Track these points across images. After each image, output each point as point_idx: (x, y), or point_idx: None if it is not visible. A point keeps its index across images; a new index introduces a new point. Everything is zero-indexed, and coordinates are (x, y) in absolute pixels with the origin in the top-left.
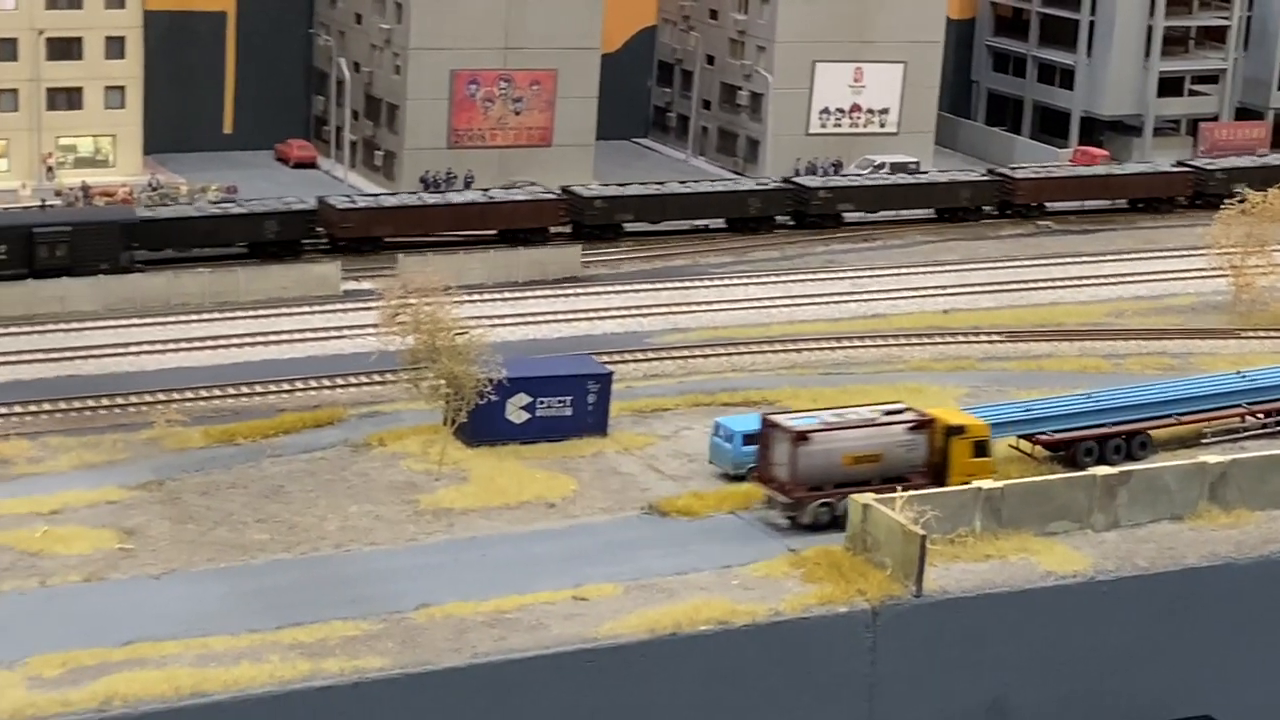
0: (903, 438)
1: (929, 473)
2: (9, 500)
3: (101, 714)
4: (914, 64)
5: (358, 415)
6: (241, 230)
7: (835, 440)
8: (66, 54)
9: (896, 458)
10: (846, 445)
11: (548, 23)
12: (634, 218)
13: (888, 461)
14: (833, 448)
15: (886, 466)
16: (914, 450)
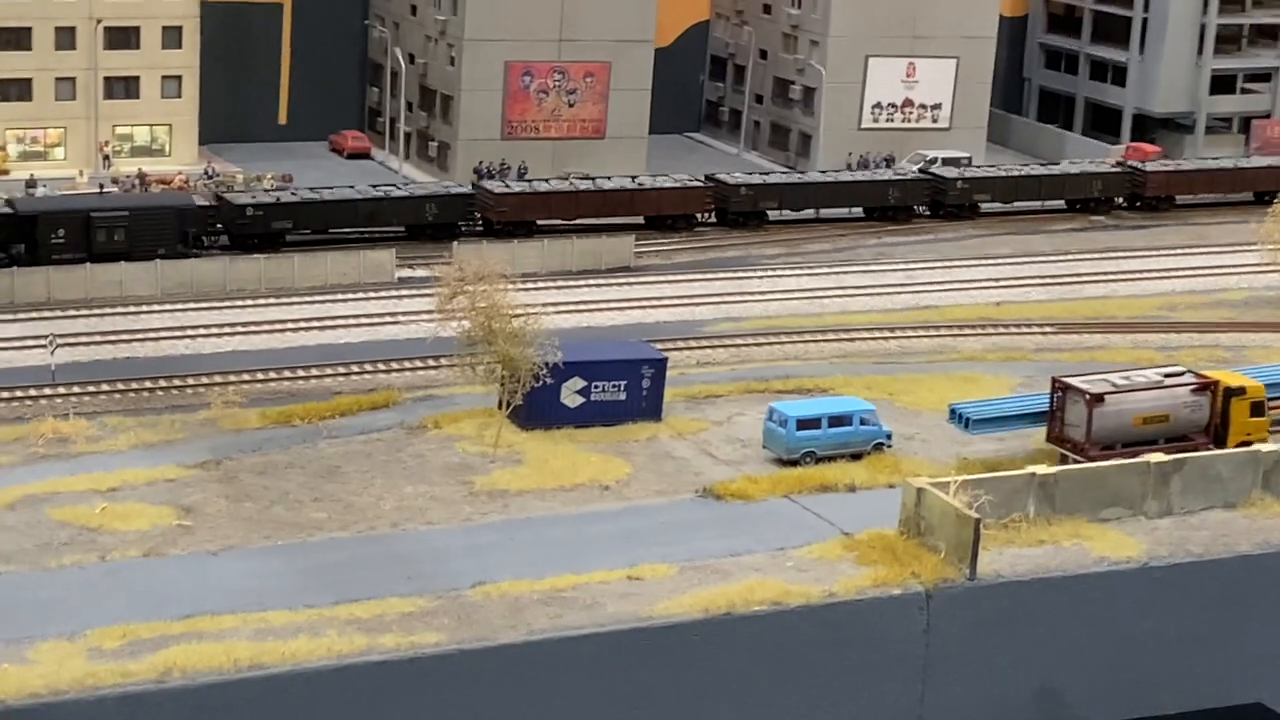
0: (1188, 399)
1: (1209, 433)
2: (69, 478)
3: (160, 685)
4: (966, 60)
5: (413, 398)
6: (402, 212)
7: (1128, 402)
8: (124, 43)
9: (1182, 418)
10: (1138, 407)
11: (602, 15)
12: (778, 205)
13: (1174, 422)
14: (1125, 409)
15: (1172, 427)
16: (1198, 411)
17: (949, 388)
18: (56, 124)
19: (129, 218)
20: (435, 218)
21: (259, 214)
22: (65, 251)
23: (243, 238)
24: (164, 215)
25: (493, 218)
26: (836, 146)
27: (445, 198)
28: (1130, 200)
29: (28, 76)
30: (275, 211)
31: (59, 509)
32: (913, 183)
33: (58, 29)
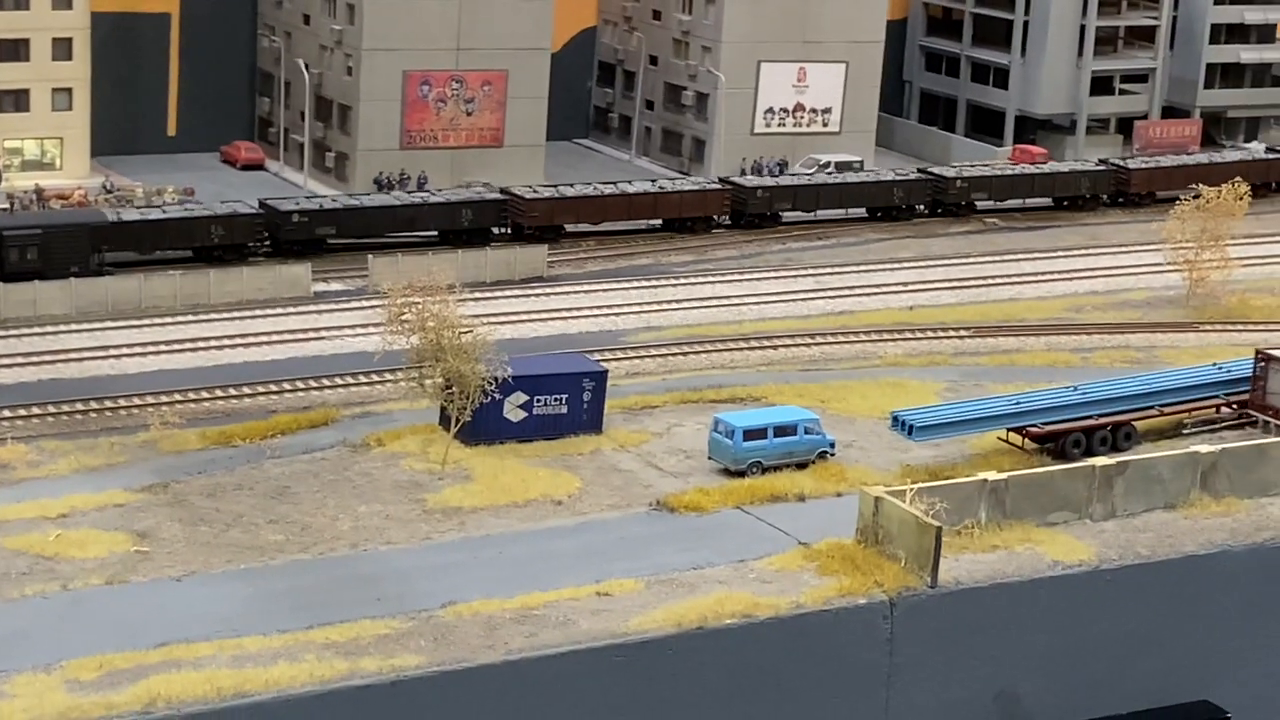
0: None
1: None
2: (15, 505)
3: (146, 716)
4: (855, 64)
5: (351, 416)
6: (438, 218)
7: None
8: (14, 55)
9: None
10: None
11: (499, 24)
12: (791, 207)
13: None
14: None
15: None
16: None
17: (879, 394)
18: None
19: (42, 236)
20: (470, 223)
21: (304, 220)
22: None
23: (287, 243)
24: (77, 232)
25: (524, 223)
26: (730, 151)
27: (480, 204)
28: (1113, 197)
29: None
30: (319, 218)
31: (11, 537)
32: (915, 183)
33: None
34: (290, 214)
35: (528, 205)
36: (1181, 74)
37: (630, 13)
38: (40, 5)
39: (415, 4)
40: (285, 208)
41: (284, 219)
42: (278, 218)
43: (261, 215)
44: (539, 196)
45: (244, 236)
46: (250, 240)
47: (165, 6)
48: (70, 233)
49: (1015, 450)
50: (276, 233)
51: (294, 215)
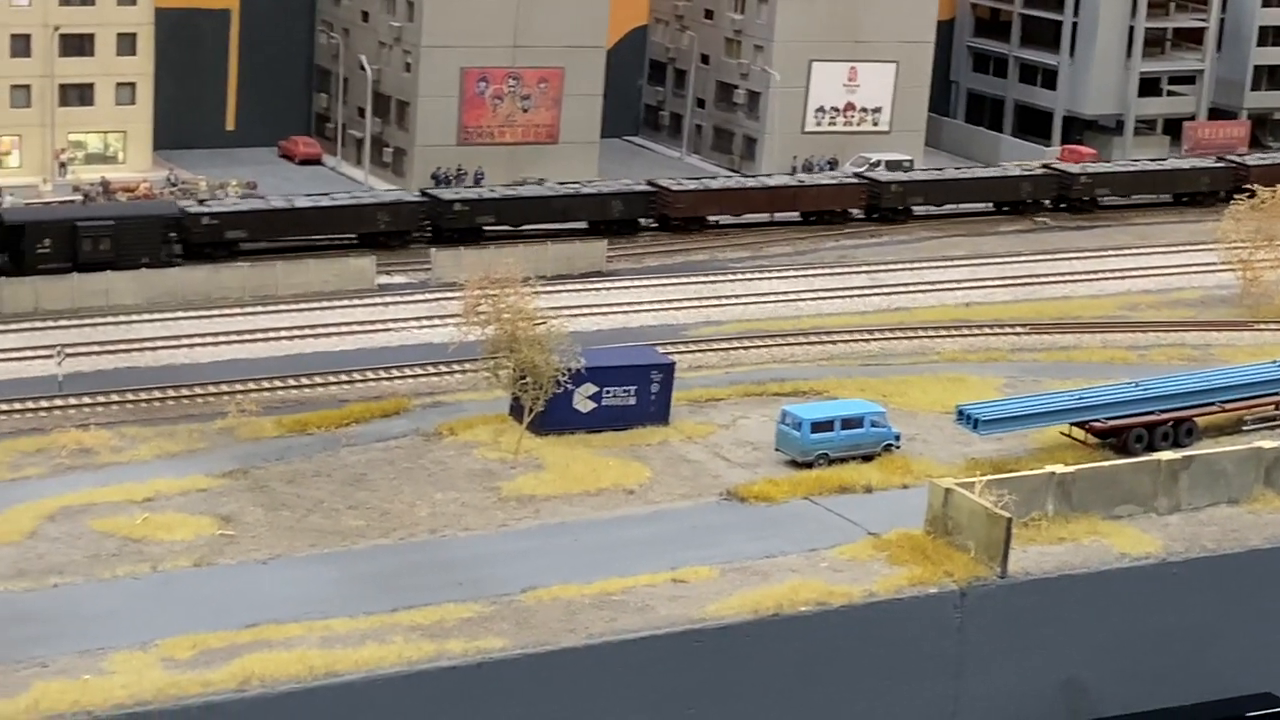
0: None
1: None
2: (102, 489)
3: (240, 694)
4: (906, 64)
5: (422, 405)
6: (590, 209)
7: None
8: (79, 50)
9: None
10: None
11: (555, 21)
12: (924, 201)
13: None
14: None
15: None
16: None
17: (939, 389)
18: (10, 131)
19: (115, 227)
20: (620, 214)
21: (465, 210)
22: (51, 261)
23: (448, 231)
24: (149, 224)
25: (670, 214)
26: (781, 150)
27: (629, 195)
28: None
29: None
30: (480, 208)
31: (100, 520)
32: (1042, 179)
33: (13, 36)
34: (452, 203)
35: (674, 197)
36: (1229, 76)
37: (682, 11)
38: (105, 1)
39: (474, 2)
40: (447, 196)
41: (446, 207)
42: (440, 206)
43: (425, 203)
44: (685, 189)
45: (408, 223)
46: (413, 227)
47: (226, 3)
48: (143, 224)
49: (1077, 445)
50: (438, 220)
51: (455, 204)
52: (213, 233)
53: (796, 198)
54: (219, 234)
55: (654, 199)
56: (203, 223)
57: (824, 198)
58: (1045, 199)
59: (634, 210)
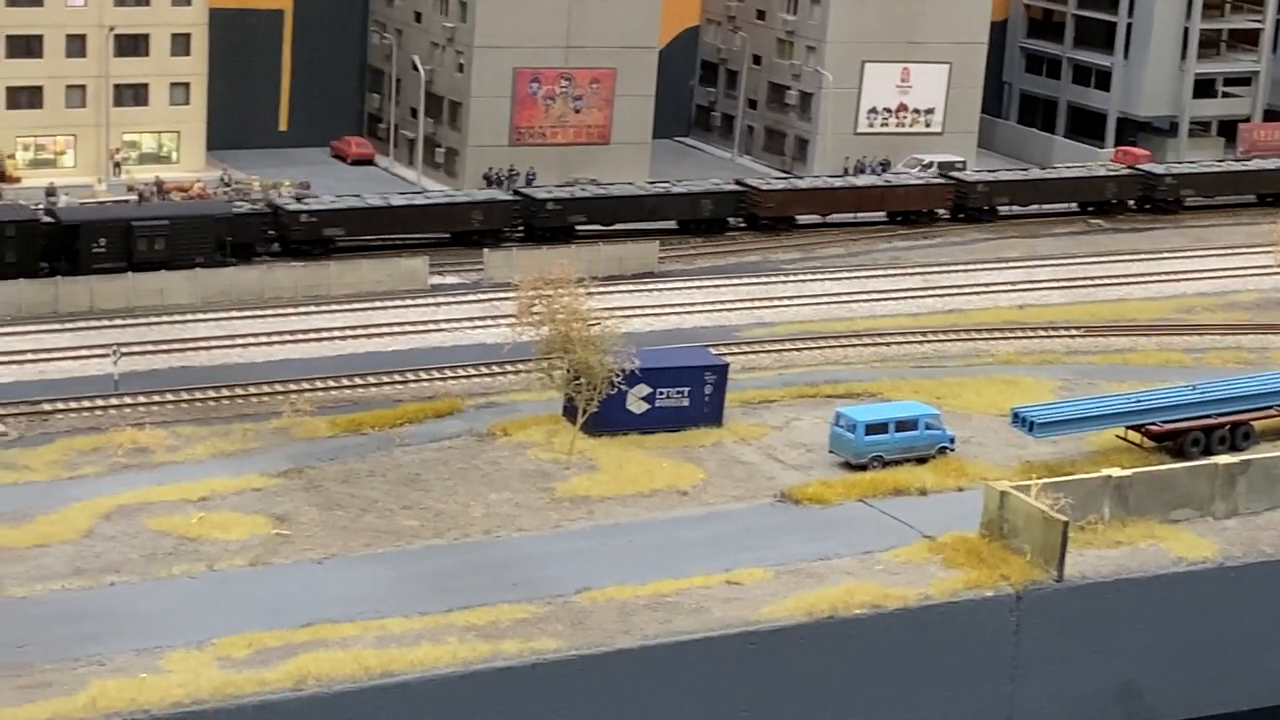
0: None
1: None
2: (158, 488)
3: (297, 693)
4: (959, 65)
5: (475, 406)
6: (680, 208)
7: None
8: (134, 50)
9: None
10: None
11: (608, 21)
12: (1010, 201)
13: None
14: None
15: None
16: None
17: (994, 391)
18: (66, 131)
19: (170, 227)
20: (710, 213)
21: (557, 209)
22: (106, 260)
23: (541, 231)
24: (204, 224)
25: (759, 214)
26: (833, 151)
27: (719, 195)
28: None
29: (38, 84)
30: (572, 207)
31: (156, 519)
32: (1127, 179)
33: (69, 36)
34: (545, 202)
35: (763, 197)
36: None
37: (734, 12)
38: (160, 1)
39: (526, 2)
40: (541, 195)
41: (539, 206)
42: (533, 205)
43: (519, 202)
44: (774, 188)
45: (501, 222)
46: (506, 226)
47: (279, 3)
48: (197, 224)
49: (1133, 448)
50: (531, 219)
51: (548, 203)
52: (311, 230)
53: (884, 198)
54: (317, 231)
55: (743, 199)
56: (301, 220)
57: (911, 198)
58: (1130, 199)
59: (724, 210)
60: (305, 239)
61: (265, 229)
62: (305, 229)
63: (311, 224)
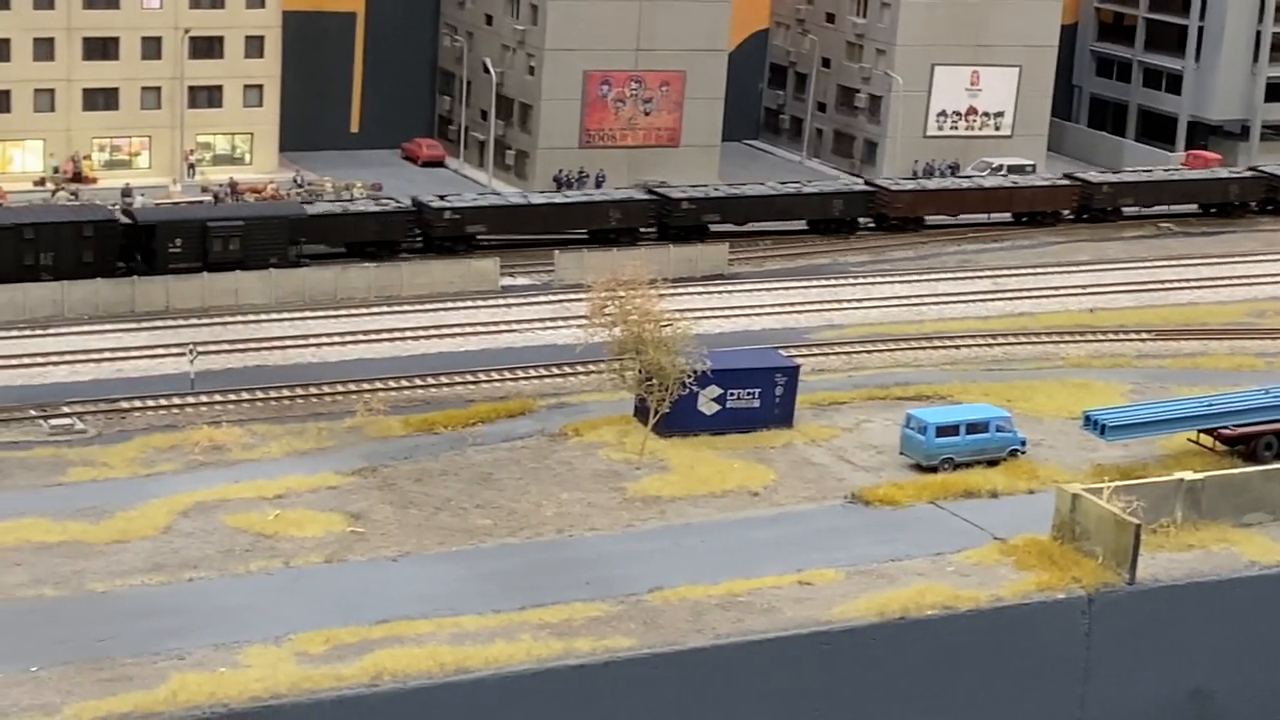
0: None
1: None
2: (234, 485)
3: (373, 688)
4: (1028, 68)
5: (546, 406)
6: (811, 208)
7: None
8: (208, 52)
9: None
10: None
11: (677, 25)
12: (1134, 202)
13: None
14: None
15: None
16: None
17: (1065, 394)
18: (141, 133)
19: (244, 227)
20: (840, 213)
21: (691, 208)
22: (182, 261)
23: (675, 229)
24: (277, 225)
25: (889, 214)
26: (903, 154)
27: (850, 194)
28: None
29: (114, 86)
30: (705, 206)
31: (233, 515)
32: (1250, 181)
33: (144, 39)
34: (679, 201)
35: (892, 197)
36: None
37: (804, 15)
38: (234, 4)
39: (596, 5)
40: (676, 195)
41: (673, 205)
42: (668, 204)
43: (655, 201)
44: (904, 189)
45: (637, 221)
46: (642, 225)
47: (351, 6)
48: (271, 225)
49: (1205, 451)
50: (665, 218)
51: (683, 202)
52: (454, 226)
53: (1011, 199)
54: (460, 228)
55: (873, 199)
56: (445, 217)
57: (1038, 199)
58: (1253, 201)
59: (854, 209)
60: (448, 235)
61: (410, 226)
62: (448, 226)
63: (455, 221)
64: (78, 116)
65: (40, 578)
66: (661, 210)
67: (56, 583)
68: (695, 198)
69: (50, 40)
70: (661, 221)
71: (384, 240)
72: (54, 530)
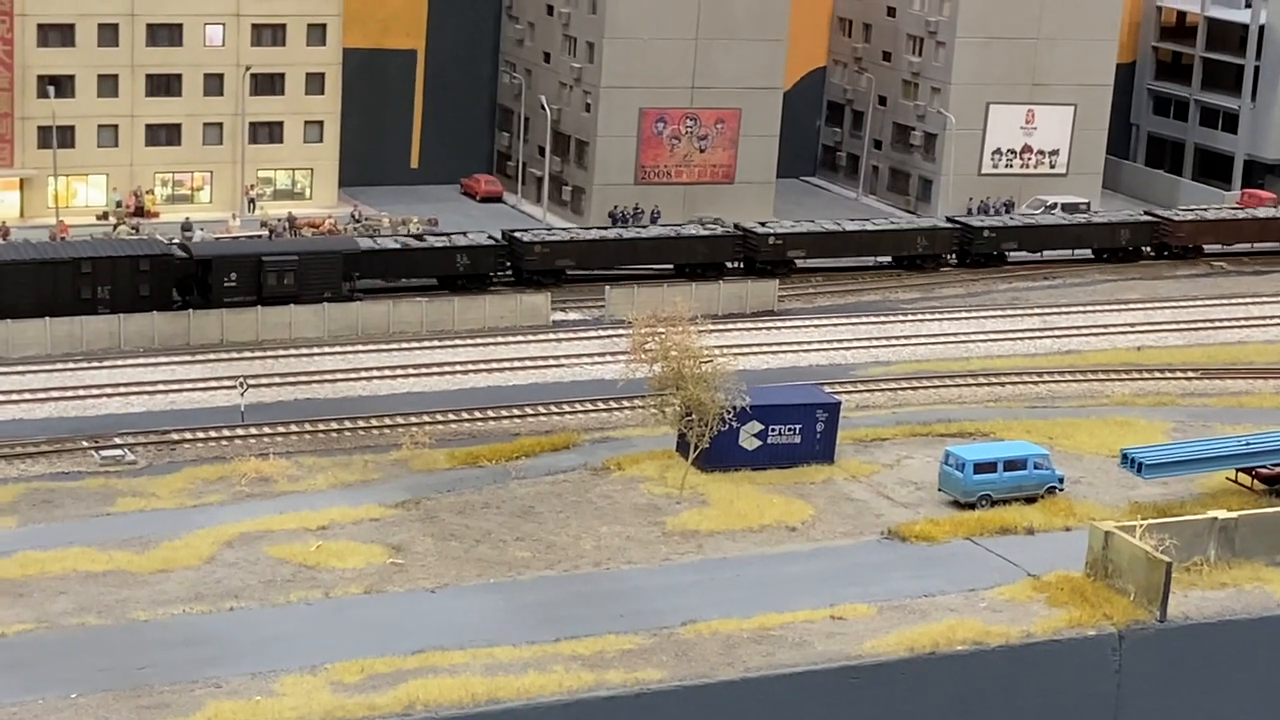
0: None
1: None
2: (278, 516)
3: (405, 718)
4: (1084, 107)
5: (590, 440)
6: (1101, 236)
7: None
8: (269, 89)
9: None
10: None
11: (733, 63)
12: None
13: None
14: None
15: None
16: None
17: (1106, 432)
18: (203, 168)
19: (298, 262)
20: (1126, 241)
21: (778, 243)
22: (237, 294)
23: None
24: (331, 259)
25: (1171, 242)
26: (957, 191)
27: (1135, 224)
28: None
29: (177, 122)
30: (1005, 234)
31: (276, 546)
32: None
33: (206, 75)
34: (981, 229)
35: (1174, 226)
36: None
37: (860, 54)
38: (296, 41)
39: (653, 44)
40: (976, 224)
41: (975, 234)
42: (970, 232)
43: (958, 230)
44: (1185, 219)
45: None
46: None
47: (412, 43)
48: (325, 259)
49: (1243, 490)
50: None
51: (984, 230)
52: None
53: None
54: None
55: (1156, 229)
56: (769, 242)
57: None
58: None
59: (1139, 239)
60: (771, 260)
61: (736, 250)
62: (772, 250)
63: (778, 246)
64: (141, 151)
65: (85, 606)
66: (964, 238)
67: (100, 611)
68: (995, 226)
69: (114, 77)
70: (962, 249)
71: (712, 263)
72: (100, 559)
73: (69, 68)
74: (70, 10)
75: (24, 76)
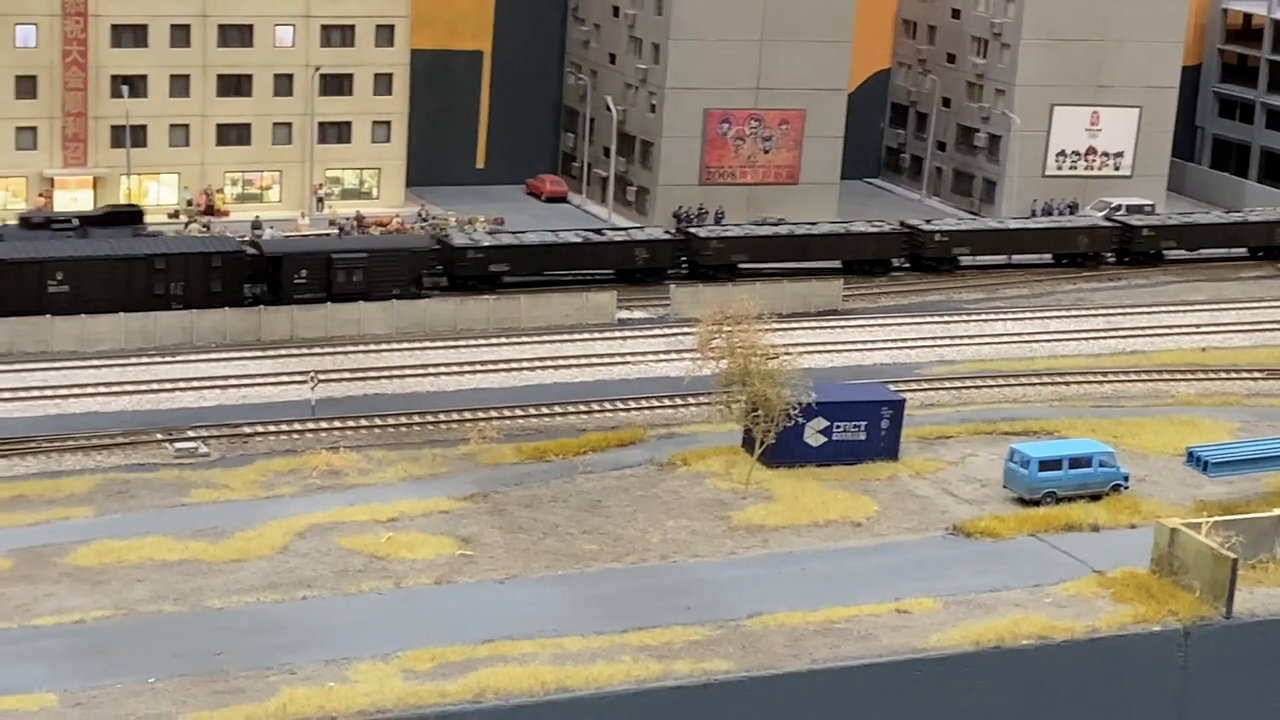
0: None
1: None
2: (349, 508)
3: (476, 705)
4: (1149, 108)
5: (657, 436)
6: (1257, 235)
7: None
8: (338, 90)
9: None
10: None
11: (798, 64)
12: None
13: None
14: None
15: None
16: None
17: (1171, 432)
18: (272, 167)
19: (368, 259)
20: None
21: (1151, 235)
22: (307, 291)
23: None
24: (400, 257)
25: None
26: (1022, 193)
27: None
28: None
29: (247, 122)
30: (1164, 233)
31: (347, 537)
32: None
33: (276, 76)
34: (1140, 228)
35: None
36: None
37: (924, 55)
38: (364, 42)
39: (717, 45)
40: (1135, 223)
41: (1134, 232)
42: (1129, 230)
43: (1116, 228)
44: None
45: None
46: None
47: (478, 45)
48: (394, 257)
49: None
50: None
51: (1144, 229)
52: (942, 248)
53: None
54: (947, 249)
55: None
56: (935, 240)
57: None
58: None
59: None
60: (936, 256)
61: (903, 247)
62: (938, 248)
63: (943, 243)
64: (211, 151)
65: (161, 594)
66: (1123, 237)
67: (176, 599)
68: (1155, 225)
69: (186, 77)
70: (1122, 249)
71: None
72: (175, 549)
73: (142, 68)
74: (143, 11)
75: (98, 77)
